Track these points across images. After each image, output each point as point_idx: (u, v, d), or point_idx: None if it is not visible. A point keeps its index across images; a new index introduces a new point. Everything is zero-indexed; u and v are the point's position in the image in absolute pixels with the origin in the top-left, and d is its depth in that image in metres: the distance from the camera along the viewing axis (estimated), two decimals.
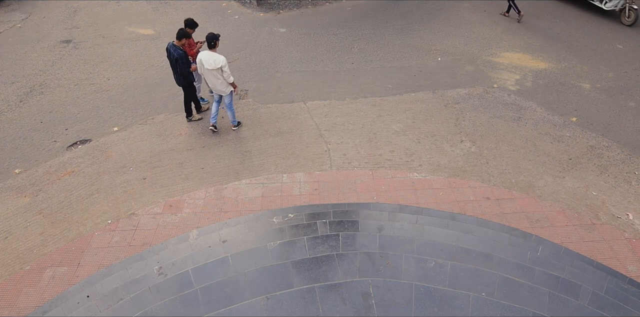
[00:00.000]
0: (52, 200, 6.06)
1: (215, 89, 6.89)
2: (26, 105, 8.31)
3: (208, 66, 6.58)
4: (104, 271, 4.81)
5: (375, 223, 5.13)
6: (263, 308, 3.99)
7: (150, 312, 4.06)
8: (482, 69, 9.11)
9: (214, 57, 6.54)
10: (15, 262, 5.11)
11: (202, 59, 6.57)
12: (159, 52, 10.18)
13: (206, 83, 7.15)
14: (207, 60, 6.56)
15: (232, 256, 4.60)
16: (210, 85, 6.90)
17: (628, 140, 6.91)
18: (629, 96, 8.04)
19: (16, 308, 4.55)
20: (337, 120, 7.54)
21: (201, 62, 6.61)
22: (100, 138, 7.36)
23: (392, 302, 4.01)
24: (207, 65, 6.58)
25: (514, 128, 7.25)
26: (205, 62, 6.57)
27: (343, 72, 9.14)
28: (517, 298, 4.11)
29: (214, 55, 6.55)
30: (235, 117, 7.29)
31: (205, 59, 6.56)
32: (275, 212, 5.51)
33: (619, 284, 4.49)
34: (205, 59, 6.56)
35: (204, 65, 6.61)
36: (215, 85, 6.83)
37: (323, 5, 12.75)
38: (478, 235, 5.01)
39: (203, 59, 6.57)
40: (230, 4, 12.92)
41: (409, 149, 6.79)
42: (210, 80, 6.79)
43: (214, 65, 6.55)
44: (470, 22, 11.20)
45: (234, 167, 6.57)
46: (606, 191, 5.97)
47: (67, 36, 11.01)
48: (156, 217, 5.67)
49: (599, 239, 5.22)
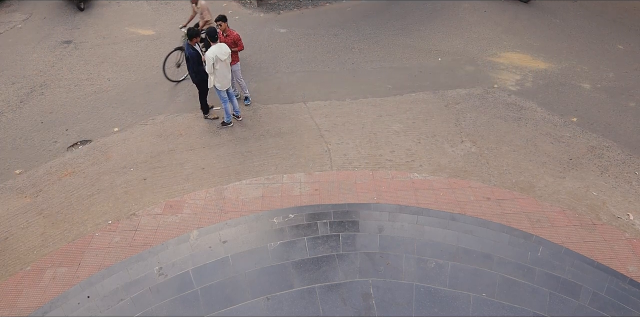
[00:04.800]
0: (52, 200, 6.07)
1: (228, 81, 7.02)
2: (27, 106, 8.32)
3: (223, 57, 6.71)
4: (104, 272, 4.81)
5: (375, 223, 5.13)
6: (263, 308, 3.98)
7: (150, 312, 4.06)
8: (482, 69, 9.11)
9: (222, 47, 6.71)
10: (16, 263, 5.11)
11: (217, 54, 6.65)
12: (159, 53, 10.19)
13: (215, 87, 7.05)
14: (220, 52, 6.68)
15: (233, 256, 4.60)
16: (225, 81, 6.99)
17: (628, 140, 6.91)
18: (630, 96, 8.03)
19: (17, 308, 4.55)
20: (337, 121, 7.54)
21: (216, 57, 6.66)
22: (101, 139, 7.36)
23: (392, 302, 4.01)
24: (222, 57, 6.70)
25: (514, 128, 7.25)
26: (220, 55, 6.67)
27: (343, 73, 9.15)
28: (517, 298, 4.11)
29: (221, 45, 6.72)
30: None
31: (219, 52, 6.67)
32: (275, 213, 5.51)
33: (620, 284, 4.49)
34: (219, 52, 6.66)
35: (220, 59, 6.69)
36: (227, 76, 6.98)
37: (323, 5, 12.75)
38: (478, 235, 5.01)
39: (217, 53, 6.65)
40: (230, 4, 12.93)
41: (410, 150, 6.79)
42: (225, 74, 6.91)
43: (227, 53, 6.77)
44: (471, 22, 11.20)
45: (235, 168, 6.57)
46: (606, 191, 5.96)
47: (67, 37, 11.02)
48: (157, 218, 5.67)
49: (599, 240, 5.21)
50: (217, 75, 6.82)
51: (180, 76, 8.93)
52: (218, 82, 6.91)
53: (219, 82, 6.91)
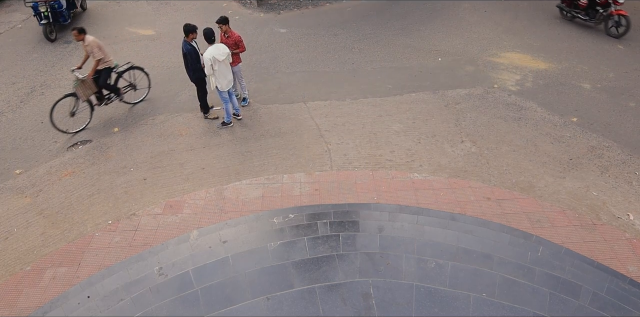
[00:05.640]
0: (52, 200, 6.07)
1: (228, 82, 6.99)
2: (27, 106, 8.32)
3: (221, 57, 6.66)
4: (104, 272, 4.81)
5: (375, 223, 5.13)
6: (263, 308, 3.99)
7: (150, 312, 4.06)
8: (482, 69, 9.11)
9: (220, 47, 6.67)
10: (16, 263, 5.11)
11: (214, 54, 6.60)
12: (159, 53, 10.19)
13: (216, 87, 7.03)
14: (217, 53, 6.64)
15: (233, 256, 4.60)
16: (226, 81, 6.95)
17: (629, 140, 6.91)
18: (630, 96, 8.03)
19: (17, 308, 4.55)
20: (337, 121, 7.54)
21: (214, 58, 6.61)
22: (101, 138, 7.36)
23: (392, 302, 4.01)
24: (220, 57, 6.65)
25: (514, 128, 7.25)
26: (217, 55, 6.63)
27: (343, 73, 9.15)
28: (517, 298, 4.11)
29: (218, 45, 6.69)
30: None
31: (216, 53, 6.63)
32: (275, 213, 5.51)
33: (620, 284, 4.49)
34: (216, 53, 6.62)
35: (217, 59, 6.63)
36: (227, 77, 6.94)
37: (323, 5, 12.76)
38: (478, 235, 5.01)
39: (214, 54, 6.61)
40: (230, 4, 12.93)
41: (410, 150, 6.79)
42: (225, 75, 6.88)
43: (225, 53, 6.72)
44: (471, 22, 11.21)
45: (235, 168, 6.57)
46: (607, 191, 5.96)
47: (67, 37, 11.02)
48: (157, 218, 5.67)
49: (599, 240, 5.21)
50: (217, 76, 6.80)
51: (77, 127, 7.49)
52: (219, 83, 6.89)
53: (219, 83, 6.89)
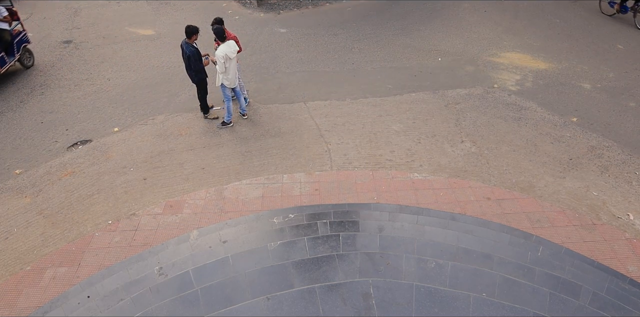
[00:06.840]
0: (52, 200, 6.07)
1: (236, 79, 7.08)
2: (27, 106, 8.32)
3: (233, 55, 6.75)
4: (104, 272, 4.81)
5: (375, 223, 5.13)
6: (264, 308, 3.98)
7: (150, 312, 4.06)
8: (482, 69, 9.11)
9: (230, 45, 6.74)
10: (16, 263, 5.11)
11: (226, 52, 6.66)
12: (159, 53, 10.19)
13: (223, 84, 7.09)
14: (229, 50, 6.70)
15: (233, 256, 4.60)
16: (234, 78, 7.01)
17: (629, 140, 6.91)
18: (630, 96, 8.03)
19: (16, 308, 4.55)
20: (337, 121, 7.54)
21: (226, 56, 6.66)
22: (101, 138, 7.36)
23: (392, 302, 4.01)
24: (232, 55, 6.73)
25: (514, 128, 7.25)
26: (230, 53, 6.69)
27: (343, 73, 9.15)
28: (517, 298, 4.11)
29: (229, 43, 6.75)
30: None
31: (228, 50, 6.69)
32: (275, 213, 5.51)
33: (620, 284, 4.49)
34: (228, 51, 6.68)
35: (229, 57, 6.69)
36: (236, 74, 7.03)
37: (323, 5, 12.75)
38: (478, 235, 5.01)
39: (226, 51, 6.66)
40: (230, 4, 12.93)
41: (410, 149, 6.79)
42: (234, 72, 6.94)
43: (236, 50, 6.82)
44: (471, 22, 11.21)
45: (235, 168, 6.57)
46: (607, 191, 5.96)
47: (67, 37, 11.02)
48: (157, 218, 5.67)
49: (599, 240, 5.21)
50: (227, 73, 6.86)
51: None
52: (227, 79, 6.92)
53: (228, 79, 6.93)
